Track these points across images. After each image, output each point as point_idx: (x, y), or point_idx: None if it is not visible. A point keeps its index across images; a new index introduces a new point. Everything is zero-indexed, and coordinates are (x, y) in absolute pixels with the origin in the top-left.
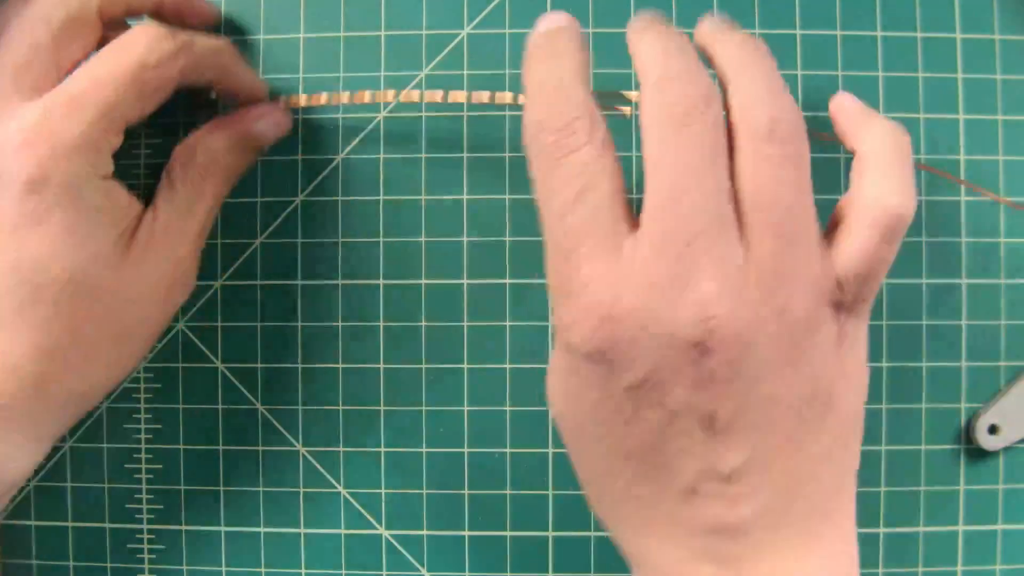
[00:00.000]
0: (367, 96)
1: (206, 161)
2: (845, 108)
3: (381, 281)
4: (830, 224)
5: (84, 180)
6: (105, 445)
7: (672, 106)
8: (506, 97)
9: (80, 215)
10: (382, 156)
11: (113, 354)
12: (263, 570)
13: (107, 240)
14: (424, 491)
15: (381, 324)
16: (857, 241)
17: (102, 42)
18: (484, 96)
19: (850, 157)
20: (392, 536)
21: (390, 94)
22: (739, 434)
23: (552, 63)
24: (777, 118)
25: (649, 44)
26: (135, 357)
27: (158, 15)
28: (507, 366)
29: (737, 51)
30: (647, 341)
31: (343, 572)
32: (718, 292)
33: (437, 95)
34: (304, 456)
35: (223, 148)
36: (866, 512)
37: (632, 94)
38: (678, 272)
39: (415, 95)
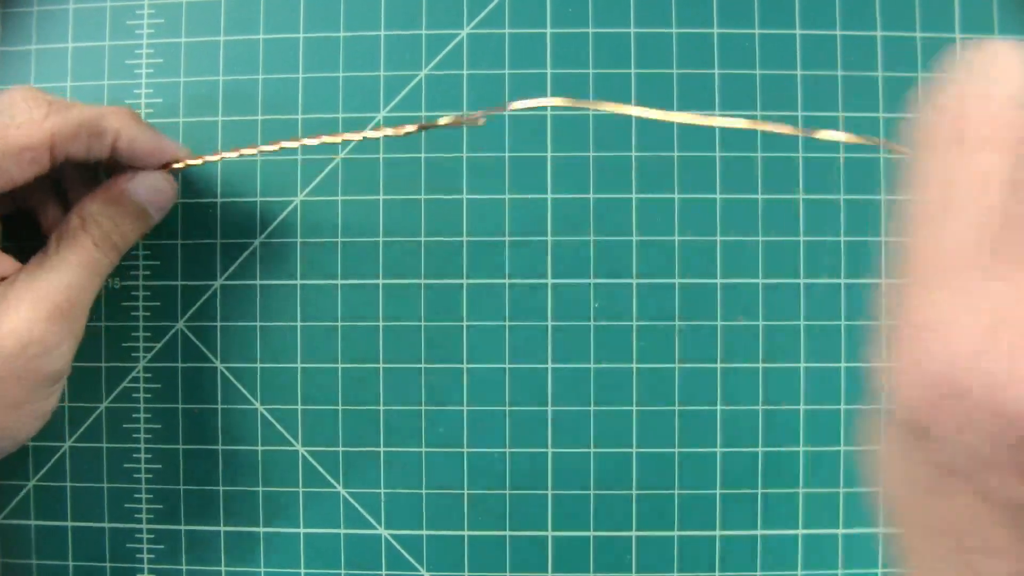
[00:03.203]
0: (253, 150)
1: (78, 225)
2: None
3: (381, 281)
4: None
5: None
6: (105, 445)
7: None
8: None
9: None
10: (382, 156)
11: None
12: (263, 570)
13: None
14: (424, 491)
15: (381, 324)
16: None
17: None
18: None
19: (850, 157)
20: (392, 536)
21: (315, 140)
22: None
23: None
24: None
25: None
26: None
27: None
28: (507, 366)
29: None
30: (976, 413)
31: (343, 572)
32: None
33: (381, 132)
34: (304, 456)
35: (97, 212)
36: (866, 512)
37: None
38: None
39: (346, 136)
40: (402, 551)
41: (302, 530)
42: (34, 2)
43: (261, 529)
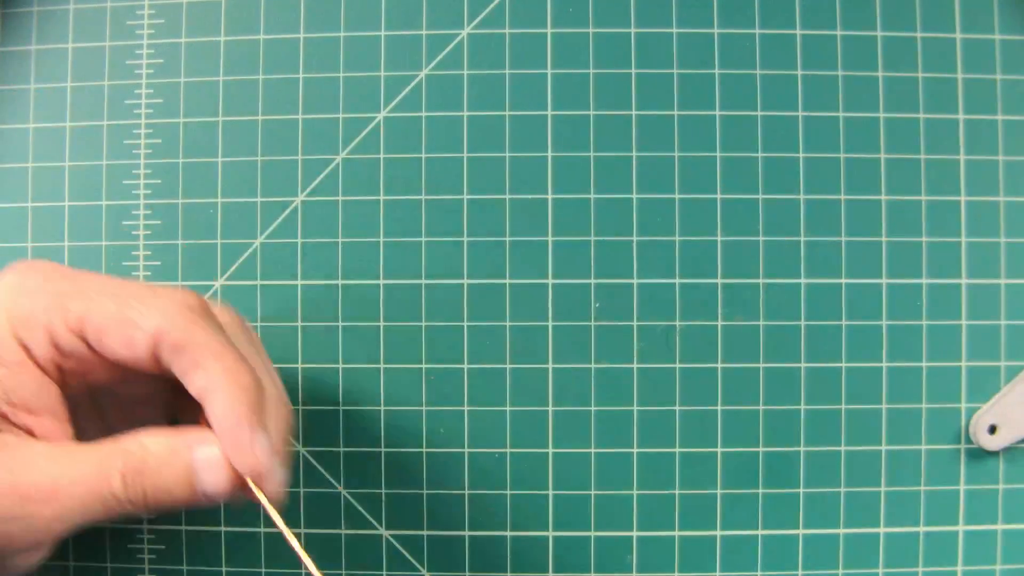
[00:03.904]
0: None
1: (119, 453)
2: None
3: (381, 281)
4: None
5: None
6: None
7: None
8: None
9: None
10: (382, 156)
11: None
12: (263, 570)
13: None
14: (424, 491)
15: (381, 324)
16: None
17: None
18: None
19: (850, 158)
20: (392, 536)
21: None
22: None
23: None
24: None
25: None
26: None
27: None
28: (507, 366)
29: None
30: None
31: (343, 572)
32: None
33: None
34: (304, 456)
35: (147, 455)
36: (866, 512)
37: None
38: None
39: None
40: (402, 551)
41: (302, 530)
42: (34, 2)
43: (261, 529)
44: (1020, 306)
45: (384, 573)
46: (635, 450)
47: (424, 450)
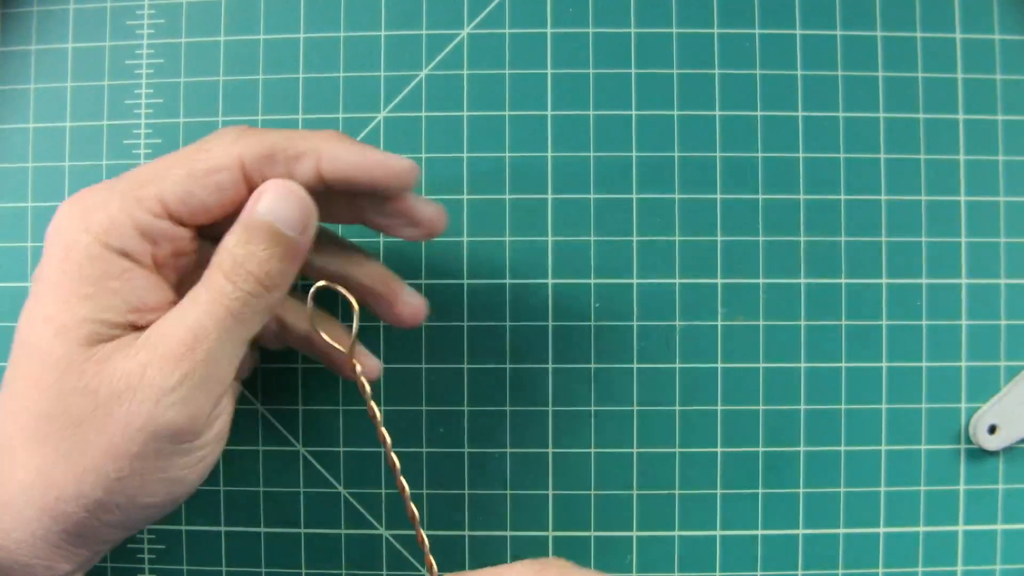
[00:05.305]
0: None
1: (214, 259)
2: None
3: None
4: None
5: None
6: None
7: None
8: None
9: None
10: None
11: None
12: (263, 570)
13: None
14: (424, 491)
15: (381, 324)
16: None
17: None
18: None
19: (850, 158)
20: (392, 536)
21: None
22: None
23: None
24: None
25: None
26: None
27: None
28: (507, 366)
29: None
30: None
31: (343, 572)
32: None
33: None
34: (304, 456)
35: (228, 240)
36: (866, 512)
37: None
38: None
39: None
40: (402, 551)
41: (302, 530)
42: (34, 2)
43: (261, 529)
44: (1020, 306)
45: (384, 573)
46: (635, 450)
47: (424, 450)
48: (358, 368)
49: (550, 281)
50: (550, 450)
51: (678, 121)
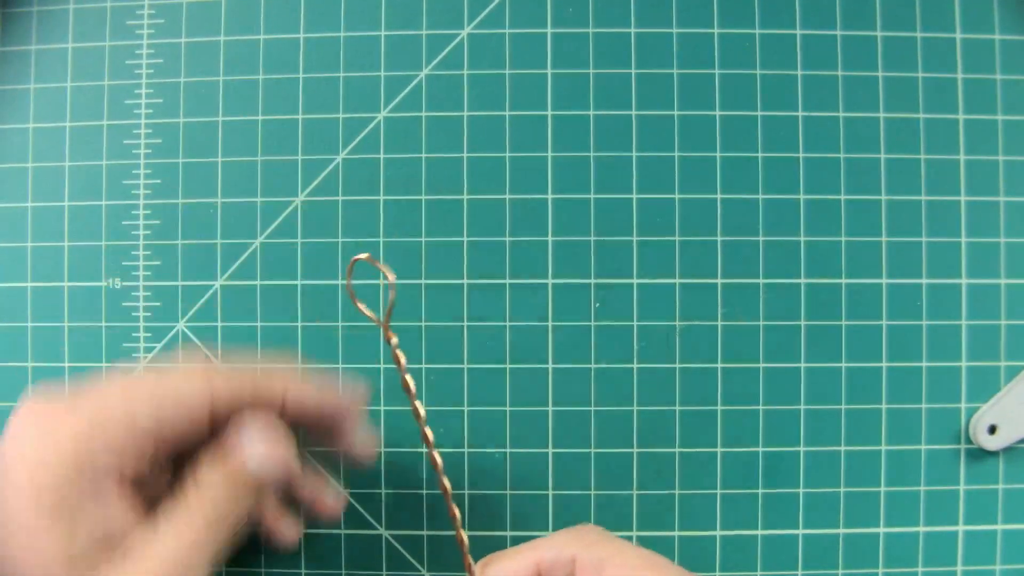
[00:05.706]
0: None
1: (192, 492)
2: None
3: (381, 281)
4: None
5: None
6: None
7: None
8: None
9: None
10: (382, 156)
11: None
12: (263, 570)
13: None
14: (424, 491)
15: (381, 324)
16: None
17: None
18: None
19: (850, 158)
20: (392, 536)
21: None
22: None
23: None
24: None
25: None
26: None
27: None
28: (507, 366)
29: None
30: None
31: (343, 572)
32: None
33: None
34: (305, 456)
35: (210, 480)
36: (866, 512)
37: None
38: None
39: None
40: (402, 551)
41: (303, 530)
42: (34, 2)
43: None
44: (1020, 306)
45: (384, 573)
46: (635, 450)
47: (424, 450)
48: (398, 351)
49: (550, 281)
50: (550, 450)
51: (678, 121)
